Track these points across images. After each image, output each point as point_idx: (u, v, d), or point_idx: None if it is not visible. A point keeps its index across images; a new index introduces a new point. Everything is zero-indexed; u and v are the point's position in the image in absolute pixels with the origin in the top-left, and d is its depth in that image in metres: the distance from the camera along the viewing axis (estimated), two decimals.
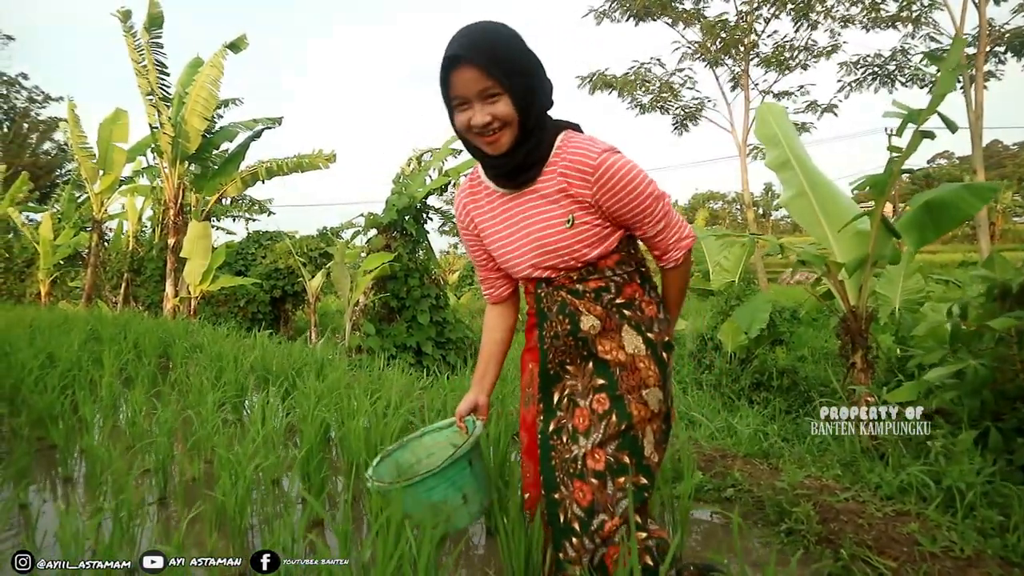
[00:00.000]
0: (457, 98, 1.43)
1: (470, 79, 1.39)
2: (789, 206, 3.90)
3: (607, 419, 1.51)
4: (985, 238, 15.64)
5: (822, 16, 17.93)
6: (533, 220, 1.53)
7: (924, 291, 7.11)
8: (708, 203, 71.27)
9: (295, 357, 5.08)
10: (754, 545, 2.35)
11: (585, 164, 1.45)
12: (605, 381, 1.54)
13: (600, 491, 1.47)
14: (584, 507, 1.48)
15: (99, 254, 13.53)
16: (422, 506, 1.65)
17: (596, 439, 1.50)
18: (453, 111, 1.46)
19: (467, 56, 1.38)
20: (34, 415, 3.44)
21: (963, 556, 2.04)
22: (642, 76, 19.32)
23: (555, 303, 1.57)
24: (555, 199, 1.50)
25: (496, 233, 1.62)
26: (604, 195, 1.46)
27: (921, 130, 3.14)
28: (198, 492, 2.71)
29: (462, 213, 1.71)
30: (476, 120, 1.42)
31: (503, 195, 1.59)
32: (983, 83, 15.48)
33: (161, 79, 10.43)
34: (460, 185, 1.76)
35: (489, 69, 1.37)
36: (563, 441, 1.55)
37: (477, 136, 1.45)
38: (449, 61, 1.40)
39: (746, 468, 2.92)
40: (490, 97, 1.40)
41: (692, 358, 7.55)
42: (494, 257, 1.68)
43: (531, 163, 1.49)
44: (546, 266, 1.55)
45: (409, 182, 9.48)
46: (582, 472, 1.50)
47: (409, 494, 1.65)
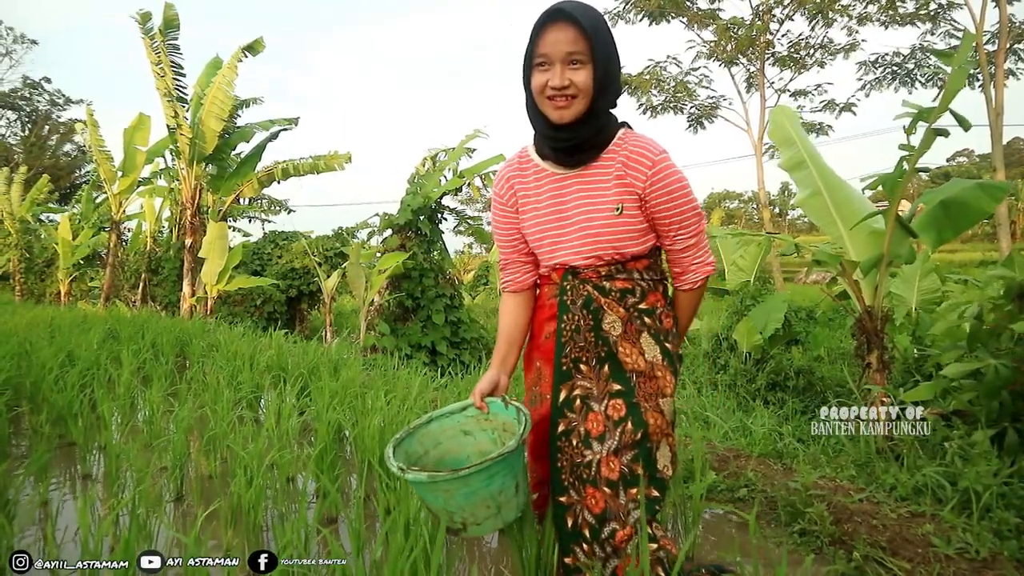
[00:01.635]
0: (542, 56, 1.45)
1: (563, 39, 1.43)
2: (804, 206, 3.87)
3: (623, 426, 1.51)
4: (1006, 237, 15.44)
5: (839, 14, 17.78)
6: (582, 203, 1.55)
7: (941, 291, 7.03)
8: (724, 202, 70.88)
9: (310, 356, 5.12)
10: (767, 546, 2.34)
11: (648, 157, 1.50)
12: (622, 387, 1.53)
13: (613, 500, 1.48)
14: (596, 514, 1.48)
15: (117, 254, 13.69)
16: (476, 498, 1.45)
17: (611, 446, 1.50)
18: (532, 70, 1.48)
19: (570, 14, 1.42)
20: (54, 413, 3.50)
21: (978, 558, 2.03)
22: (657, 76, 19.25)
23: (580, 297, 1.57)
24: (607, 186, 1.53)
25: (539, 212, 1.61)
26: (655, 191, 1.50)
27: (934, 128, 3.11)
28: (214, 489, 2.75)
29: (504, 186, 1.68)
30: (554, 81, 1.44)
31: (552, 175, 1.59)
32: (1003, 81, 15.29)
33: (177, 80, 10.55)
34: (506, 161, 1.71)
35: (586, 32, 1.42)
36: (573, 444, 1.54)
37: (549, 100, 1.47)
38: (551, 15, 1.43)
39: (760, 468, 2.91)
40: (574, 63, 1.44)
41: (707, 358, 7.51)
42: (527, 238, 1.66)
43: (592, 144, 1.53)
44: (586, 253, 1.55)
45: (424, 182, 9.51)
46: (595, 479, 1.49)
47: (463, 485, 1.44)
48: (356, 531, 1.90)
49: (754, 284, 9.04)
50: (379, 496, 2.35)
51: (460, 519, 1.48)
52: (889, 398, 3.35)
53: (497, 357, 1.69)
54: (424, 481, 1.42)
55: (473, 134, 9.77)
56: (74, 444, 3.21)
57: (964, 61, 3.06)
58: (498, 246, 1.76)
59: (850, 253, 3.73)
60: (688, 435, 3.28)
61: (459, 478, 1.41)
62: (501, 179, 1.69)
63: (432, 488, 1.44)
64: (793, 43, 18.62)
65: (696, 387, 6.40)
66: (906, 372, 4.51)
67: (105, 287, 13.38)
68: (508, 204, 1.68)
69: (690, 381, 6.61)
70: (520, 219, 1.66)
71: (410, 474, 1.44)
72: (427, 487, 1.44)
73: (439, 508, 1.48)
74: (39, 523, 2.47)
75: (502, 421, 1.63)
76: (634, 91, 19.27)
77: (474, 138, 9.77)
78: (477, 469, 1.40)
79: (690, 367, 7.37)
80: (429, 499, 1.50)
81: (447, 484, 1.43)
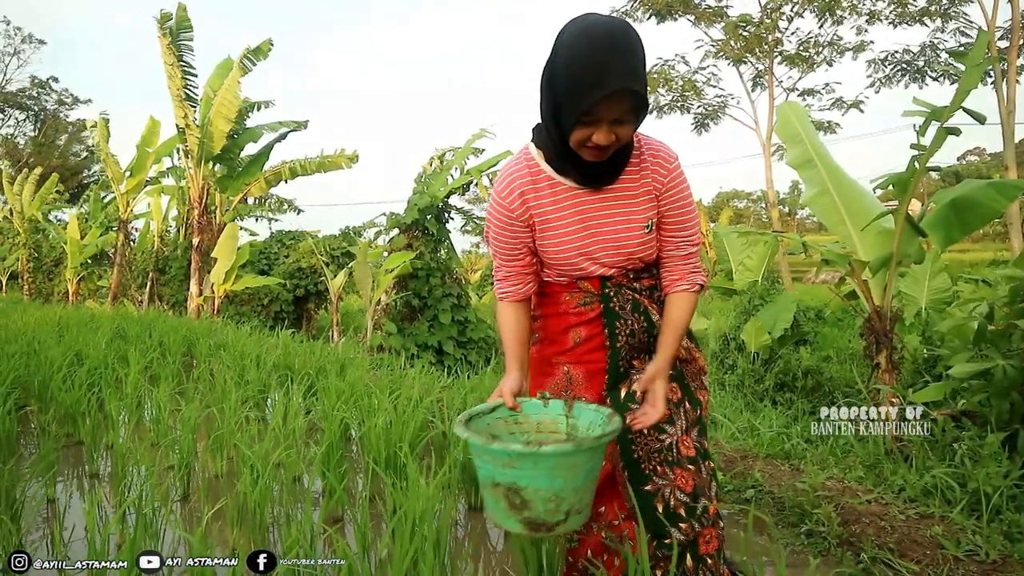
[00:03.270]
0: (589, 116, 1.34)
1: (618, 107, 1.32)
2: (812, 204, 3.85)
3: (683, 406, 1.61)
4: (1017, 236, 15.30)
5: (848, 12, 17.69)
6: (613, 218, 1.53)
7: (952, 290, 6.98)
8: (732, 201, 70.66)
9: (317, 356, 5.13)
10: (775, 546, 2.33)
11: (667, 159, 1.54)
12: (673, 371, 1.59)
13: (698, 476, 1.57)
14: (689, 492, 1.54)
15: (125, 253, 13.75)
16: (590, 479, 1.33)
17: (681, 425, 1.59)
18: (574, 124, 1.36)
19: (627, 87, 1.30)
20: (61, 412, 3.52)
21: (988, 560, 2.01)
22: (665, 74, 19.20)
23: (627, 301, 1.59)
24: (635, 201, 1.53)
25: (564, 228, 1.53)
26: (669, 193, 1.54)
27: (946, 127, 3.08)
28: (221, 488, 2.75)
29: (515, 198, 1.55)
30: (600, 140, 1.36)
31: (571, 189, 1.53)
32: (1016, 78, 15.18)
33: (188, 80, 10.60)
34: (510, 168, 1.57)
35: (636, 99, 1.33)
36: (646, 433, 1.57)
37: (588, 150, 1.40)
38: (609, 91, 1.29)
39: (767, 469, 2.89)
40: (620, 123, 1.36)
41: (715, 358, 7.48)
42: (547, 254, 1.58)
43: (620, 165, 1.50)
44: (618, 266, 1.57)
45: (431, 181, 9.51)
46: (678, 459, 1.57)
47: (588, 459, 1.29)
48: (362, 531, 1.90)
49: (762, 284, 8.99)
50: (385, 496, 2.34)
51: (567, 507, 1.29)
52: (898, 398, 3.33)
53: (515, 360, 1.61)
54: (567, 452, 1.25)
55: (480, 133, 9.76)
56: (81, 443, 3.23)
57: (979, 60, 3.03)
58: (498, 258, 1.64)
59: (859, 253, 3.71)
60: None
61: (597, 447, 1.29)
62: (511, 192, 1.55)
63: (564, 462, 1.26)
64: (802, 41, 18.54)
65: None
66: (916, 372, 4.48)
67: (112, 286, 13.45)
68: (519, 219, 1.56)
69: None
70: (537, 235, 1.57)
71: (549, 447, 1.25)
72: (559, 462, 1.26)
73: (549, 496, 1.27)
74: (47, 522, 2.48)
75: (536, 422, 1.51)
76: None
77: (480, 137, 9.77)
78: (608, 438, 1.30)
79: None
80: (542, 483, 1.27)
81: (584, 456, 1.27)
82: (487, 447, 1.28)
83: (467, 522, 2.62)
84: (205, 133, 10.56)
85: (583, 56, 1.30)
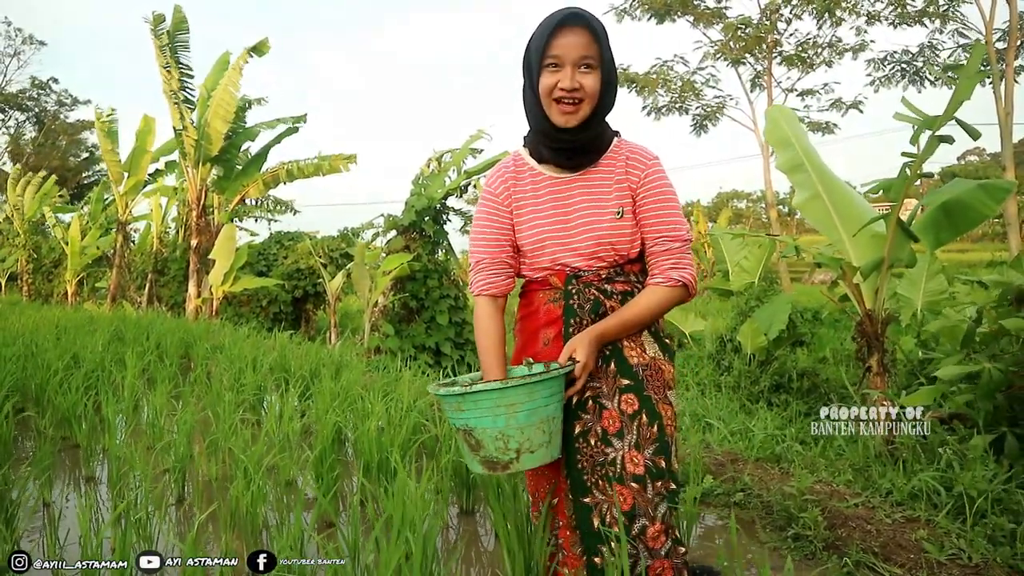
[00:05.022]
0: (553, 58, 1.50)
1: (577, 43, 1.49)
2: (803, 208, 3.86)
3: (638, 419, 1.54)
4: (1015, 236, 15.34)
5: (847, 13, 17.72)
6: (586, 206, 1.60)
7: (947, 292, 7.00)
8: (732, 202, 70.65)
9: (313, 358, 5.15)
10: (762, 550, 2.35)
11: (644, 159, 1.61)
12: (631, 381, 1.56)
13: (640, 495, 1.50)
14: (625, 511, 1.50)
15: (124, 255, 13.77)
16: (536, 417, 1.43)
17: (631, 440, 1.52)
18: (541, 71, 1.52)
19: (583, 20, 1.49)
20: (58, 415, 3.54)
21: (970, 564, 2.03)
22: (664, 75, 19.21)
23: (587, 301, 1.60)
24: (608, 190, 1.59)
25: (539, 214, 1.63)
26: (644, 186, 1.59)
27: (938, 135, 3.10)
28: (215, 492, 2.77)
29: (500, 187, 1.68)
30: (565, 83, 1.50)
31: (551, 179, 1.64)
32: (1014, 79, 15.20)
33: (185, 82, 10.60)
34: (501, 163, 1.72)
35: (597, 38, 1.50)
36: (592, 444, 1.55)
37: (557, 102, 1.52)
38: (564, 19, 1.49)
39: (757, 472, 2.92)
40: (585, 68, 1.50)
41: (711, 360, 7.50)
42: (523, 240, 1.64)
43: (593, 148, 1.60)
44: (588, 254, 1.59)
45: (428, 183, 9.53)
46: (621, 476, 1.51)
47: (528, 397, 1.41)
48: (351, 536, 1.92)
49: (759, 285, 9.01)
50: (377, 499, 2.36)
51: (516, 445, 1.42)
52: (889, 402, 3.35)
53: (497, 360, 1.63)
54: (495, 390, 1.40)
55: (477, 134, 9.77)
56: (78, 446, 3.25)
57: (974, 72, 3.05)
58: (480, 247, 1.69)
59: (851, 256, 3.73)
60: (685, 438, 3.29)
61: (528, 385, 1.41)
62: (496, 177, 1.69)
63: (499, 401, 1.40)
64: (801, 42, 18.56)
65: (700, 389, 6.40)
66: (911, 374, 4.50)
67: (111, 288, 13.46)
68: (503, 202, 1.67)
69: (694, 383, 6.61)
70: (516, 221, 1.66)
71: (477, 386, 1.41)
72: (493, 401, 1.41)
73: (495, 434, 1.42)
74: (43, 525, 2.51)
75: None
76: (641, 90, 19.23)
77: (478, 138, 9.78)
78: (546, 377, 1.43)
79: (694, 368, 7.37)
80: (486, 422, 1.42)
81: (516, 394, 1.40)
82: (443, 395, 1.46)
83: (459, 525, 2.65)
84: (203, 135, 10.56)
85: (549, 14, 1.53)
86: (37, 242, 17.59)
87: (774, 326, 6.52)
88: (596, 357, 1.55)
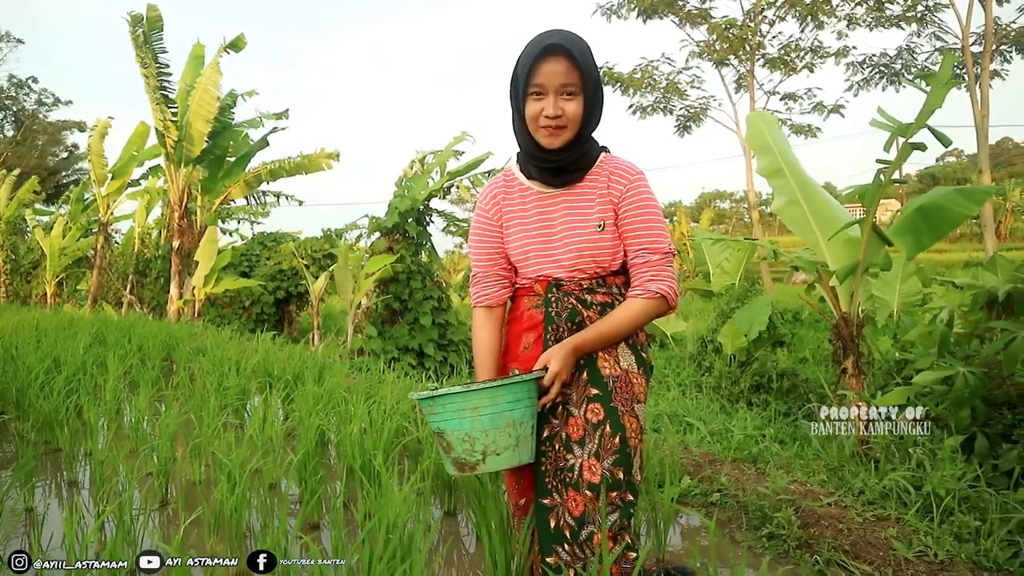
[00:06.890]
0: (537, 87, 1.56)
1: (558, 71, 1.54)
2: (782, 213, 3.94)
3: (601, 429, 1.58)
4: (991, 237, 15.57)
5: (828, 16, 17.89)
6: (569, 219, 1.66)
7: (923, 293, 7.13)
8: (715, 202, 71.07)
9: (296, 361, 5.15)
10: (735, 549, 2.40)
11: (627, 172, 1.67)
12: (599, 391, 1.60)
13: (592, 503, 1.54)
14: (576, 517, 1.55)
15: (105, 256, 13.63)
16: (501, 421, 1.48)
17: (591, 449, 1.56)
18: (526, 99, 1.58)
19: (565, 48, 1.53)
20: (40, 419, 3.52)
21: (936, 561, 2.10)
22: (649, 74, 19.28)
23: (565, 309, 1.65)
24: (591, 205, 1.65)
25: (526, 227, 1.71)
26: (626, 199, 1.64)
27: (911, 143, 3.18)
28: (199, 495, 2.79)
29: (490, 202, 1.77)
30: (548, 111, 1.55)
31: (539, 193, 1.71)
32: (989, 82, 15.44)
33: (164, 81, 10.48)
34: (492, 180, 1.82)
35: (578, 64, 1.54)
36: (556, 449, 1.61)
37: (541, 128, 1.58)
38: (546, 49, 1.54)
39: (733, 473, 2.97)
40: (567, 94, 1.56)
41: (692, 360, 7.58)
42: (512, 252, 1.73)
43: (578, 167, 1.66)
44: (570, 266, 1.65)
45: (411, 184, 9.53)
46: (577, 482, 1.56)
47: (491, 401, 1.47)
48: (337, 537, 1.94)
49: (740, 286, 9.11)
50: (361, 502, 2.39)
51: (481, 447, 1.48)
52: (863, 403, 3.42)
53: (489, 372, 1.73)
54: (458, 393, 1.47)
55: (460, 137, 9.79)
56: (60, 451, 3.25)
57: (946, 81, 3.12)
58: (475, 261, 1.79)
59: (827, 260, 3.80)
60: (665, 439, 3.34)
61: (490, 388, 1.47)
62: (487, 195, 1.78)
63: (463, 404, 1.48)
64: (784, 45, 18.72)
65: (681, 390, 6.47)
66: (887, 375, 4.59)
67: (92, 290, 13.33)
68: (493, 218, 1.76)
69: (675, 384, 6.67)
70: (505, 234, 1.74)
71: (442, 390, 1.48)
72: (457, 404, 1.48)
73: (461, 436, 1.48)
74: (25, 530, 2.51)
75: None
76: (625, 90, 19.28)
77: (462, 140, 9.80)
78: (508, 382, 1.49)
79: (675, 370, 7.44)
80: (453, 424, 1.49)
81: (478, 398, 1.47)
82: (417, 399, 1.53)
83: (442, 527, 2.68)
84: (184, 135, 10.47)
85: (533, 39, 1.59)
86: (15, 243, 17.35)
87: (754, 327, 6.60)
88: (571, 367, 1.60)
